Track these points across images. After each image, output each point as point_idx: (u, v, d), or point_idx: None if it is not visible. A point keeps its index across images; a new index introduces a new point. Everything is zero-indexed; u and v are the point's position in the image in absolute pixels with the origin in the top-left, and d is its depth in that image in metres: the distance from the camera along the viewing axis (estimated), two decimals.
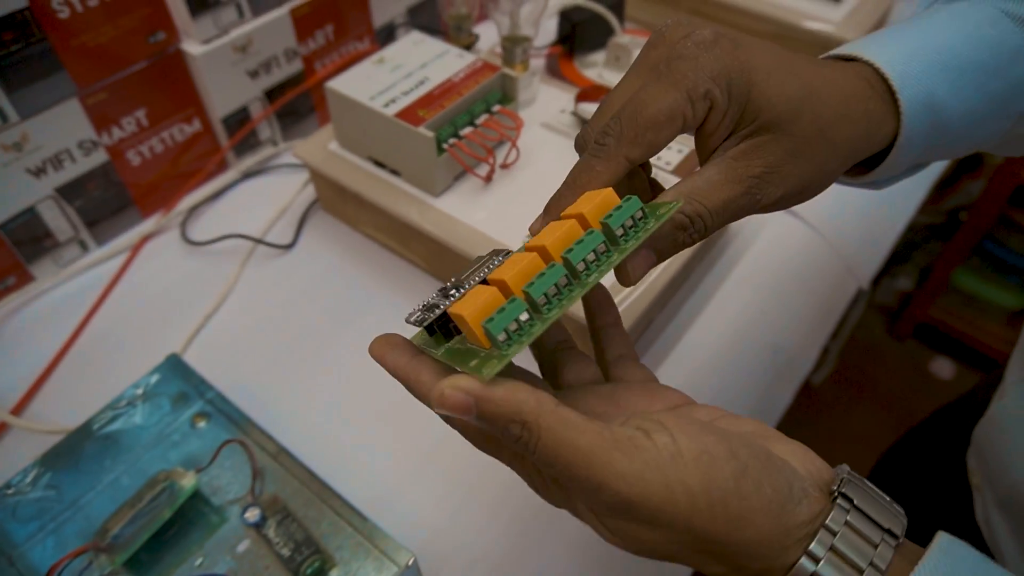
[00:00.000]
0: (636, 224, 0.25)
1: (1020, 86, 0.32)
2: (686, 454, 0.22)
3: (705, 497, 0.21)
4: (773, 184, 0.28)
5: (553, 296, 0.24)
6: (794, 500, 0.22)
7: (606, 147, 0.27)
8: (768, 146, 0.28)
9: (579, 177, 0.27)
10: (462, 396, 0.22)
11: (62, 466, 0.43)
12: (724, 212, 0.28)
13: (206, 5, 0.57)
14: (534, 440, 0.22)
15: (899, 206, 0.70)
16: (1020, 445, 0.44)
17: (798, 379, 0.59)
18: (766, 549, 0.22)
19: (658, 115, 0.26)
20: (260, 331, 0.54)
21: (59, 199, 0.55)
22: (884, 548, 0.22)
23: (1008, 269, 1.50)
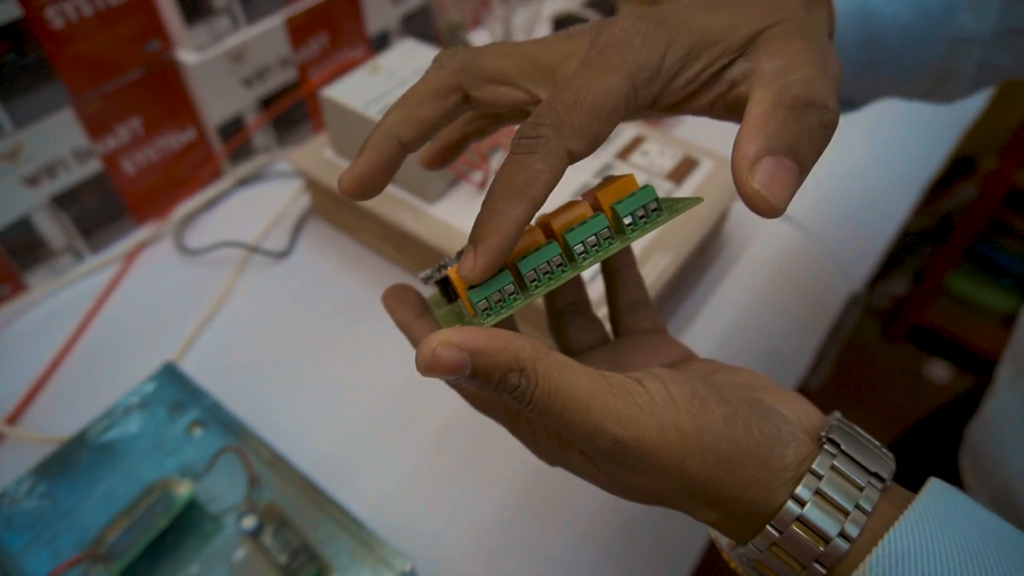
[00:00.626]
0: (648, 215, 0.24)
1: (953, 5, 0.32)
2: (678, 399, 0.22)
3: (697, 440, 0.22)
4: (827, 49, 0.24)
5: (544, 274, 0.23)
6: (782, 443, 0.22)
7: (542, 139, 0.22)
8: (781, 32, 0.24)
9: (516, 179, 0.22)
10: (455, 353, 0.21)
11: (57, 475, 0.43)
12: (825, 77, 0.23)
13: (200, 14, 0.57)
14: (532, 387, 0.21)
15: (891, 210, 0.70)
16: (1012, 444, 0.45)
17: (793, 382, 0.59)
18: (754, 492, 0.22)
19: (603, 102, 0.23)
20: (256, 339, 0.54)
21: (54, 208, 0.55)
22: (870, 490, 0.22)
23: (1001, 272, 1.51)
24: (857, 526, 0.21)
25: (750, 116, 0.22)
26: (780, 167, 0.21)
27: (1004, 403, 0.47)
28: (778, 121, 0.21)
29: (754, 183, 0.21)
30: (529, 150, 0.22)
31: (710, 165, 0.54)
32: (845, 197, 0.67)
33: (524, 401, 0.22)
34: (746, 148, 0.21)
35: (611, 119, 0.23)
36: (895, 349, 1.60)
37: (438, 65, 0.26)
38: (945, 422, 0.60)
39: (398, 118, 0.25)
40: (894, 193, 0.71)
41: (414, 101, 0.25)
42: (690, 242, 0.50)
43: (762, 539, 0.22)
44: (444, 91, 0.25)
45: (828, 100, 0.22)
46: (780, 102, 0.22)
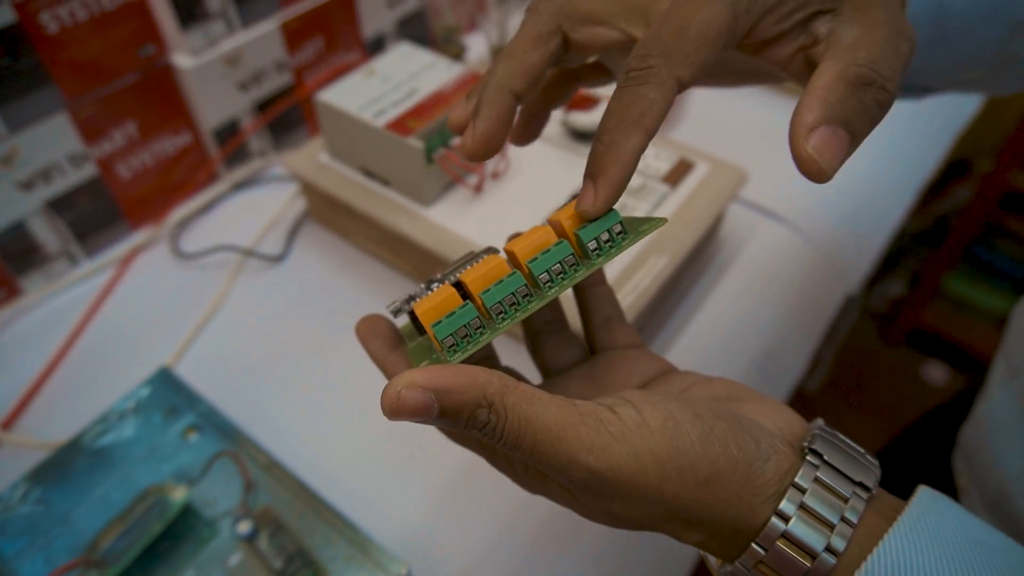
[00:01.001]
0: (613, 239, 0.23)
1: None
2: (651, 423, 0.22)
3: (673, 463, 0.21)
4: (905, 22, 0.24)
5: (510, 306, 0.23)
6: (762, 457, 0.22)
7: (653, 69, 0.22)
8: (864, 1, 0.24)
9: (630, 109, 0.22)
10: (420, 395, 0.20)
11: (52, 481, 0.43)
12: (895, 55, 0.23)
13: (195, 18, 0.57)
14: (502, 422, 0.21)
15: (887, 212, 0.70)
16: (1006, 446, 0.45)
17: (789, 385, 0.59)
18: (737, 510, 0.22)
19: (707, 29, 0.23)
20: (251, 343, 0.54)
21: (49, 212, 0.55)
22: (855, 501, 0.22)
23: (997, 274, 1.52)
24: (844, 539, 0.21)
25: (814, 86, 0.23)
26: (834, 136, 0.22)
27: (997, 405, 0.47)
28: (838, 94, 0.22)
29: (808, 148, 0.22)
30: (641, 80, 0.22)
31: (705, 168, 0.55)
32: (841, 199, 0.67)
33: (495, 437, 0.21)
34: (805, 116, 0.22)
35: (716, 46, 0.23)
36: (892, 351, 1.60)
37: (535, 12, 0.26)
38: (938, 425, 0.60)
39: (508, 69, 0.25)
40: (890, 195, 0.71)
41: (520, 50, 0.25)
42: (686, 245, 0.50)
43: (748, 557, 0.22)
44: (546, 35, 0.25)
45: (887, 81, 0.23)
46: (843, 76, 0.22)
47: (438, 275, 0.27)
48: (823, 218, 0.65)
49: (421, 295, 0.26)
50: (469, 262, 0.26)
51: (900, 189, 0.72)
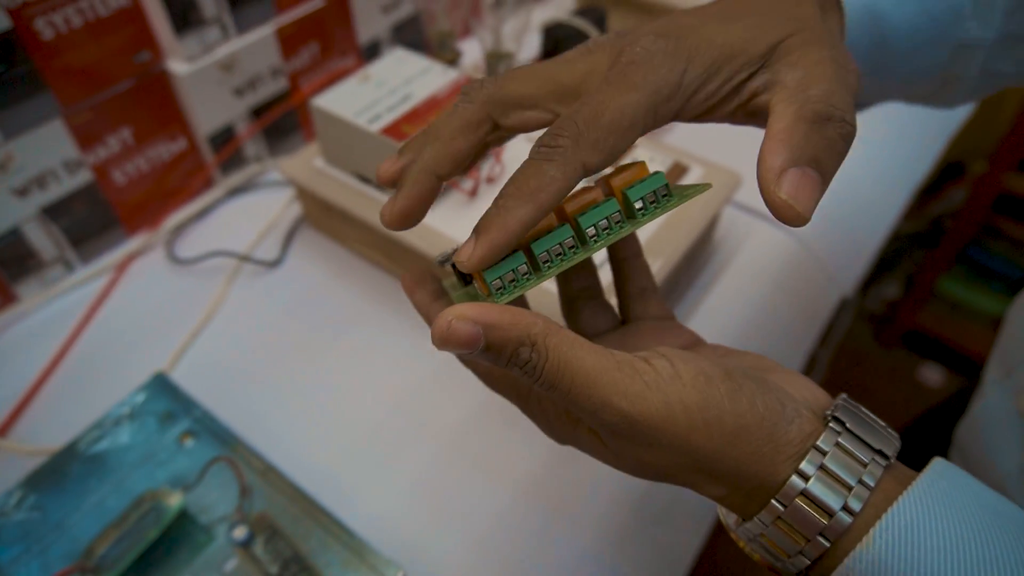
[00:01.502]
0: (658, 200, 0.25)
1: (958, 10, 0.33)
2: (684, 376, 0.23)
3: (702, 414, 0.22)
4: (846, 56, 0.25)
5: (556, 255, 0.24)
6: (787, 419, 0.23)
7: (560, 149, 0.23)
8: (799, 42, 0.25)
9: (528, 182, 0.23)
10: (469, 327, 0.22)
11: (47, 487, 0.43)
12: (843, 87, 0.24)
13: (190, 24, 0.57)
14: (542, 361, 0.22)
15: (880, 215, 0.70)
16: (999, 444, 0.45)
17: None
18: (759, 466, 0.22)
19: (621, 119, 0.23)
20: (247, 348, 0.54)
21: (44, 219, 0.55)
22: (873, 467, 0.23)
23: (992, 275, 1.52)
24: (860, 500, 0.22)
25: (773, 130, 0.23)
26: (805, 177, 0.22)
27: (990, 404, 0.47)
28: (801, 134, 0.22)
29: (781, 193, 0.22)
30: (547, 157, 0.23)
31: (699, 171, 0.55)
32: (835, 202, 0.67)
33: (535, 375, 0.22)
34: (771, 161, 0.22)
35: (628, 135, 0.24)
36: (888, 353, 1.61)
37: (466, 99, 0.27)
38: (934, 424, 0.61)
39: (434, 154, 0.26)
40: (884, 198, 0.72)
41: (447, 136, 0.26)
42: (680, 247, 0.50)
43: (767, 513, 0.23)
44: (475, 124, 0.26)
45: (846, 113, 0.23)
46: (801, 116, 0.23)
47: None
48: (817, 221, 0.65)
49: None
50: None
51: (894, 192, 0.73)
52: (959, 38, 0.33)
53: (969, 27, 0.33)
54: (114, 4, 0.52)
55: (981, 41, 0.34)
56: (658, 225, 0.51)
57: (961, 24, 0.33)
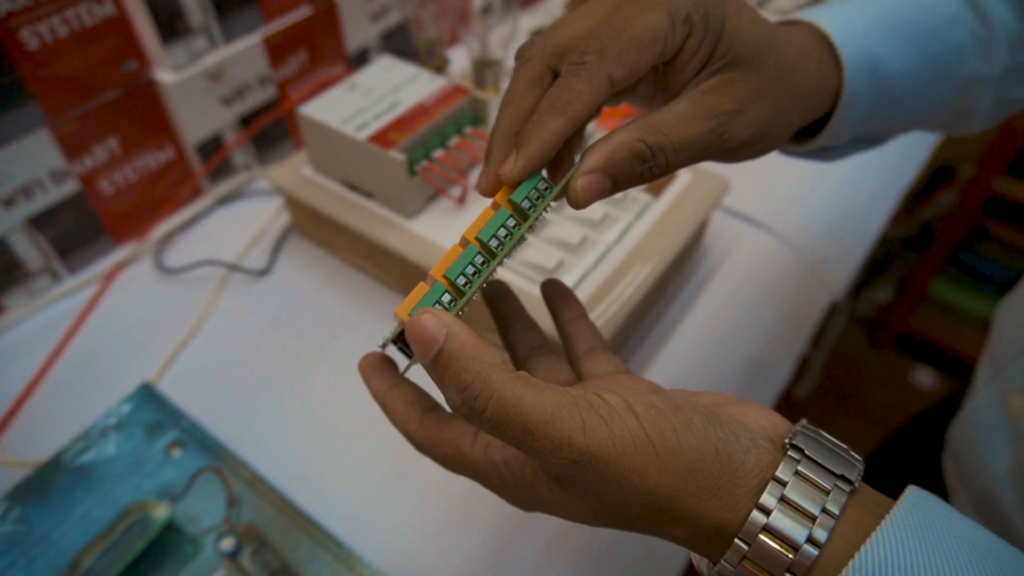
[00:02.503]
0: (541, 194, 0.27)
1: (960, 51, 0.33)
2: (636, 409, 0.23)
3: (656, 449, 0.22)
4: (741, 125, 0.28)
5: (472, 275, 0.26)
6: (742, 449, 0.23)
7: (586, 65, 0.25)
8: (738, 83, 0.28)
9: (559, 97, 0.25)
10: (436, 326, 0.22)
11: (32, 500, 0.42)
12: (689, 148, 0.27)
13: (177, 33, 0.57)
14: (485, 397, 0.22)
15: (869, 219, 0.71)
16: (991, 445, 0.45)
17: (775, 391, 0.60)
18: (718, 502, 0.22)
19: (642, 33, 0.25)
20: (235, 358, 0.54)
21: (30, 229, 0.55)
22: (836, 493, 0.22)
23: (983, 278, 1.53)
24: (825, 530, 0.21)
25: (612, 136, 0.26)
26: (600, 183, 0.26)
27: (981, 404, 0.48)
28: (621, 156, 0.26)
29: (579, 183, 0.26)
30: (574, 73, 0.25)
31: (687, 177, 0.55)
32: (823, 207, 0.68)
33: (477, 413, 0.22)
34: (592, 159, 0.26)
35: (651, 49, 0.26)
36: (881, 356, 1.61)
37: (523, 58, 0.28)
38: (928, 426, 0.61)
39: (510, 116, 0.28)
40: (872, 203, 0.72)
41: (518, 96, 0.28)
42: (668, 254, 0.50)
43: (732, 554, 0.22)
44: (538, 78, 0.28)
45: (658, 167, 0.27)
46: (631, 145, 0.26)
47: None
48: (807, 226, 0.65)
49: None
50: None
51: (882, 196, 0.73)
52: (966, 76, 0.33)
53: (974, 64, 0.33)
54: (100, 13, 0.52)
55: (989, 75, 0.34)
56: (647, 228, 0.51)
57: (965, 62, 0.33)
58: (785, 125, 0.30)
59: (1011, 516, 0.43)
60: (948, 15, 0.33)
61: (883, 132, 0.36)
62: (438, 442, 0.28)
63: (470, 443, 0.27)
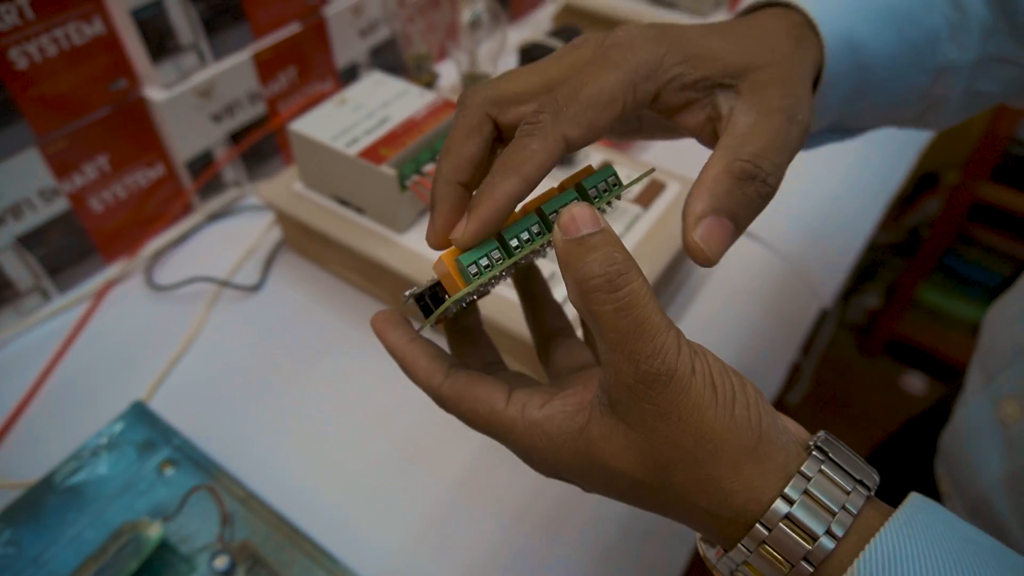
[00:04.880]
0: (609, 188, 0.26)
1: (935, 35, 0.33)
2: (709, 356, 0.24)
3: (720, 395, 0.23)
4: (801, 105, 0.27)
5: (525, 240, 0.25)
6: (778, 429, 0.23)
7: (541, 124, 0.25)
8: (765, 77, 0.27)
9: (513, 157, 0.25)
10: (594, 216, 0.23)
11: (23, 521, 0.42)
12: (783, 145, 0.26)
13: (167, 51, 0.57)
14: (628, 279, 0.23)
15: (856, 226, 0.71)
16: (983, 452, 0.45)
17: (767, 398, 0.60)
18: (751, 468, 0.23)
19: (599, 94, 0.25)
20: (228, 374, 0.54)
21: (20, 248, 0.54)
22: (855, 495, 0.23)
23: (969, 283, 1.54)
24: (843, 527, 0.22)
25: (703, 177, 0.25)
26: (720, 225, 0.25)
27: (973, 411, 0.48)
28: (724, 187, 0.25)
29: (696, 236, 0.25)
30: (528, 133, 0.25)
31: (676, 188, 0.55)
32: (811, 216, 0.69)
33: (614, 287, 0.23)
34: (695, 206, 0.25)
35: (608, 110, 0.25)
36: (872, 362, 1.62)
37: (463, 106, 0.28)
38: (920, 432, 0.61)
39: (450, 165, 0.27)
40: (859, 210, 0.73)
41: (456, 145, 0.27)
42: (659, 264, 0.50)
43: (751, 539, 0.23)
44: (477, 126, 0.27)
45: (769, 176, 0.25)
46: (730, 170, 0.25)
47: None
48: (795, 234, 0.66)
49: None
50: None
51: (869, 204, 0.74)
52: (938, 62, 0.34)
53: (947, 51, 0.34)
54: (89, 32, 0.52)
55: (961, 63, 0.34)
56: (638, 239, 0.51)
57: (939, 48, 0.34)
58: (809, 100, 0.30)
59: (1005, 521, 0.44)
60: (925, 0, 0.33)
61: (857, 120, 0.37)
62: (468, 397, 0.27)
63: (503, 402, 0.27)
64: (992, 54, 0.35)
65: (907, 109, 0.36)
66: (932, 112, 0.37)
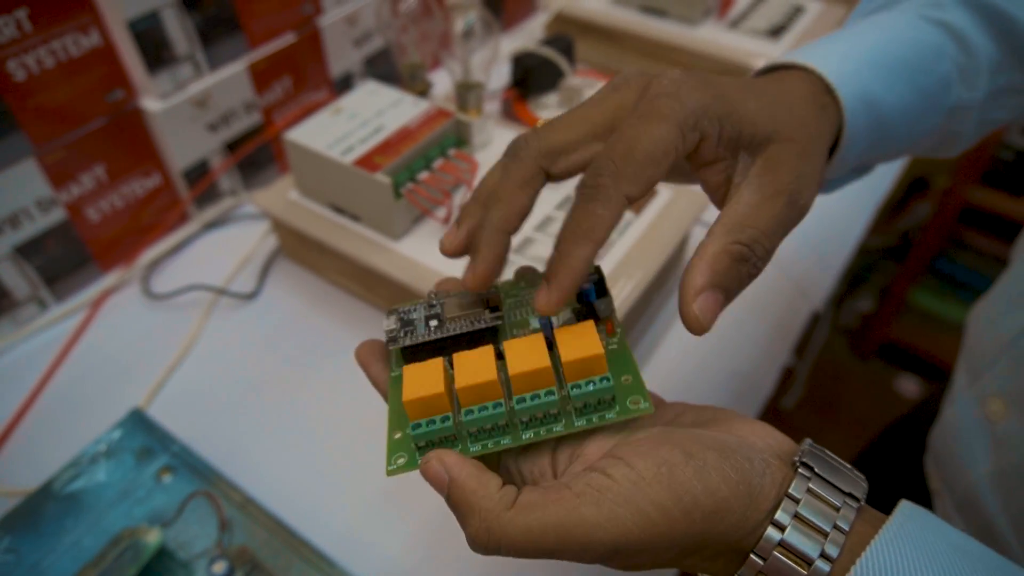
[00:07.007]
0: (599, 406, 0.26)
1: (946, 81, 0.34)
2: (645, 475, 0.23)
3: (677, 507, 0.22)
4: (806, 186, 0.28)
5: (487, 431, 0.26)
6: (758, 473, 0.23)
7: (602, 188, 0.25)
8: (782, 154, 0.28)
9: (581, 224, 0.25)
10: (440, 472, 0.25)
11: (22, 529, 0.42)
12: (778, 229, 0.27)
13: (163, 62, 0.58)
14: (495, 542, 0.24)
15: (847, 230, 0.72)
16: (973, 450, 0.46)
17: (760, 402, 0.61)
18: (741, 530, 0.23)
19: (655, 150, 0.25)
20: (225, 381, 0.54)
21: (17, 258, 0.55)
22: (846, 510, 0.23)
23: (960, 286, 1.56)
24: (836, 546, 0.22)
25: (703, 253, 0.27)
26: (714, 298, 0.26)
27: (960, 410, 0.49)
28: (723, 265, 0.26)
29: (695, 308, 0.26)
30: (591, 198, 0.25)
31: (668, 194, 0.56)
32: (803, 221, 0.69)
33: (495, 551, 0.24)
34: (696, 279, 0.26)
35: (663, 163, 0.26)
36: (865, 366, 1.63)
37: (516, 157, 0.28)
38: (909, 429, 0.62)
39: (502, 215, 0.28)
40: (849, 214, 0.73)
41: (508, 197, 0.28)
42: (651, 269, 0.51)
43: (747, 569, 0.23)
44: (530, 179, 0.28)
45: (760, 260, 0.27)
46: (728, 251, 0.26)
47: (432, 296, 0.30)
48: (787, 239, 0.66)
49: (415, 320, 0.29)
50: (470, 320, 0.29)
51: (858, 208, 0.75)
52: (951, 103, 0.35)
53: (958, 92, 0.35)
54: (86, 44, 0.53)
55: (972, 102, 0.35)
56: (630, 245, 0.52)
57: (950, 91, 0.35)
58: (824, 169, 0.31)
59: (993, 518, 0.44)
60: (934, 47, 0.34)
61: (875, 161, 0.38)
62: None
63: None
64: (1002, 87, 0.36)
65: (921, 146, 0.37)
66: (947, 145, 0.38)
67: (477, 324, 0.29)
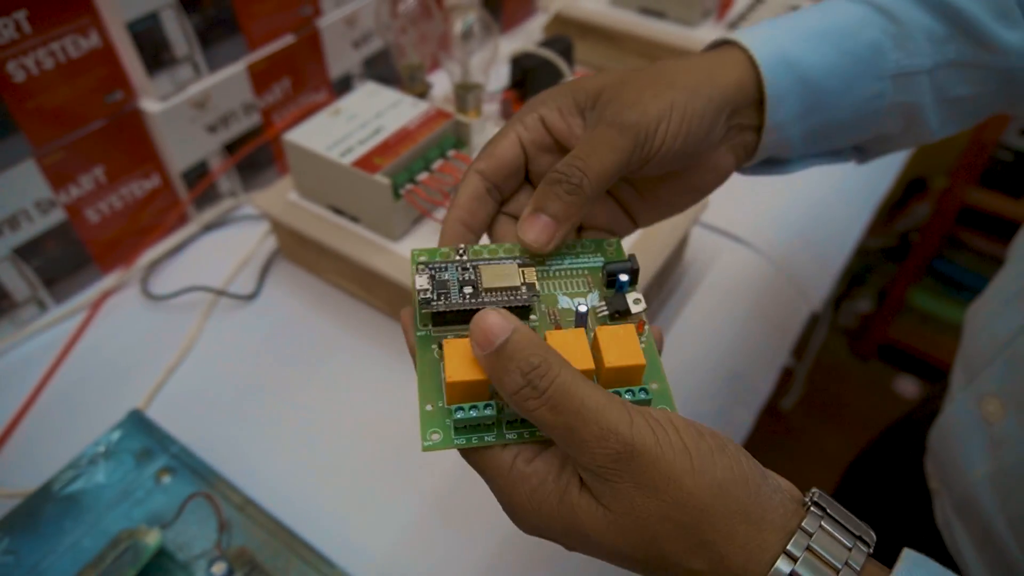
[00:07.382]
0: None
1: (876, 46, 0.35)
2: (677, 423, 0.24)
3: (696, 457, 0.23)
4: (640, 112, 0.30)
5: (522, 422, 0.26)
6: (770, 487, 0.24)
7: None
8: (605, 98, 0.31)
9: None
10: (504, 321, 0.24)
11: (21, 530, 0.42)
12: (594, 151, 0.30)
13: (162, 63, 0.58)
14: (550, 377, 0.23)
15: (845, 231, 0.72)
16: (971, 450, 0.46)
17: (758, 403, 0.61)
18: (746, 528, 0.22)
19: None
20: (224, 382, 0.54)
21: (16, 260, 0.55)
22: (857, 552, 0.23)
23: (959, 286, 1.56)
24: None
25: None
26: (536, 219, 0.30)
27: (958, 410, 0.49)
28: (540, 191, 0.30)
29: (519, 233, 0.30)
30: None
31: None
32: (801, 221, 0.69)
33: (539, 390, 0.23)
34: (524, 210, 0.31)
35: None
36: (864, 366, 1.63)
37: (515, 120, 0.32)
38: (909, 430, 0.62)
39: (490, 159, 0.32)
40: (847, 215, 0.74)
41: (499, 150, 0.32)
42: (651, 269, 0.51)
43: None
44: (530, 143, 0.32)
45: (571, 177, 0.29)
46: (545, 179, 0.30)
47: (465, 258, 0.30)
48: (785, 239, 0.67)
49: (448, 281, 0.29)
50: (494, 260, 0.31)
51: (857, 209, 0.75)
52: (891, 69, 0.35)
53: (896, 57, 0.35)
54: (86, 45, 0.53)
55: (915, 67, 0.35)
56: (630, 244, 0.52)
57: (885, 56, 0.35)
58: (701, 125, 0.32)
59: (992, 518, 0.44)
60: (856, 17, 0.35)
61: (832, 137, 0.37)
62: None
63: (500, 448, 0.26)
64: (953, 60, 0.36)
65: (881, 121, 0.37)
66: (915, 126, 0.38)
67: (513, 301, 0.29)
